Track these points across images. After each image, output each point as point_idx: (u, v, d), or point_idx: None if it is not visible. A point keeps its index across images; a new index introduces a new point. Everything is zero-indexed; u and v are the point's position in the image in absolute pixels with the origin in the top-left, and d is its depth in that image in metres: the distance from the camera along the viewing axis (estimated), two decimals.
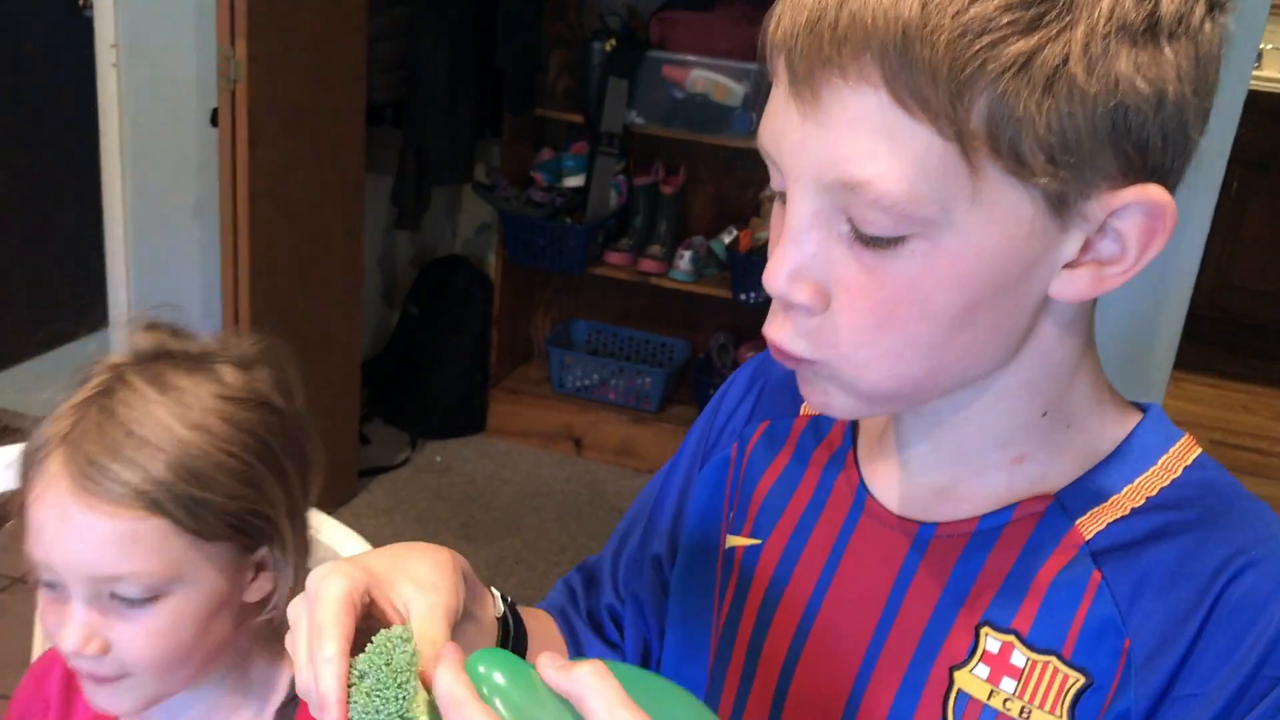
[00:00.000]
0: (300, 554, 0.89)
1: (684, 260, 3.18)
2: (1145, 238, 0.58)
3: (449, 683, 0.52)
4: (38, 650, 1.12)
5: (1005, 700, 0.64)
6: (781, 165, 0.60)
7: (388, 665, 0.53)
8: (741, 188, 3.29)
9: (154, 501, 0.79)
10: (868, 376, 0.60)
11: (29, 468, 0.83)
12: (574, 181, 3.25)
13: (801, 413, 0.80)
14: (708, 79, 3.00)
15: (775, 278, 0.60)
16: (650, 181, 3.24)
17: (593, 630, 0.90)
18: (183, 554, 0.81)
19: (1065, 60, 0.53)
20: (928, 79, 0.53)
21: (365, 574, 0.59)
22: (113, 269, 3.00)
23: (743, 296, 3.06)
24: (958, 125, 0.54)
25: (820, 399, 0.64)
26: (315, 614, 0.56)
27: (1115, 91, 0.53)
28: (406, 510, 3.07)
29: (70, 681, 0.94)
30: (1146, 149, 0.56)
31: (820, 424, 0.78)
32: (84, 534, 0.79)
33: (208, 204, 2.80)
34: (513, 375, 3.54)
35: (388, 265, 3.62)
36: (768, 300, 0.64)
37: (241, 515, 0.83)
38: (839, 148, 0.56)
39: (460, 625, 0.62)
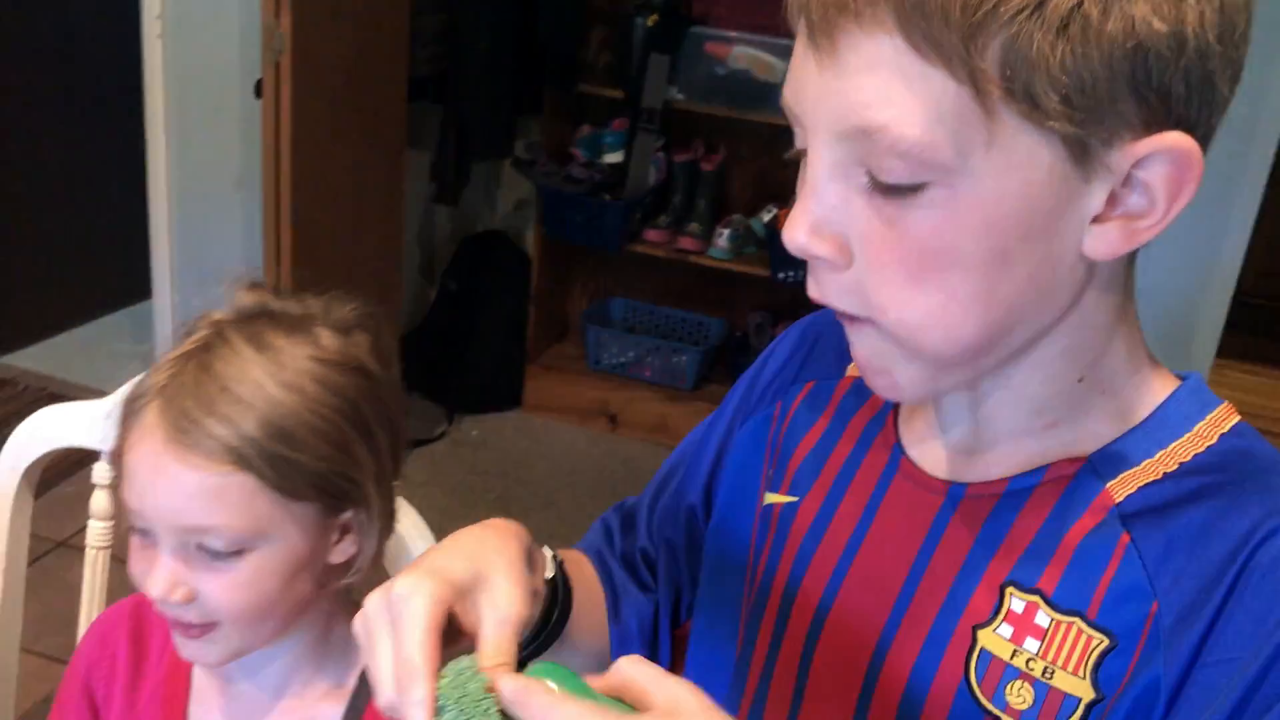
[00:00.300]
0: (385, 520, 0.90)
1: (722, 238, 3.17)
2: (1173, 188, 0.57)
3: (512, 684, 0.55)
4: (85, 610, 1.15)
5: (1028, 660, 0.64)
6: (802, 119, 0.60)
7: (464, 696, 0.56)
8: (782, 165, 3.27)
9: (243, 458, 0.80)
10: (924, 339, 0.60)
11: (128, 417, 0.84)
12: (613, 158, 3.24)
13: (846, 374, 0.80)
14: (750, 55, 2.99)
15: (795, 232, 0.60)
16: (690, 158, 3.23)
17: (628, 571, 0.92)
18: (268, 511, 0.82)
19: (1080, 1, 0.52)
20: (941, 22, 0.53)
21: (449, 590, 0.60)
22: (156, 240, 3.03)
23: (781, 275, 3.04)
24: (972, 68, 0.54)
25: (885, 380, 0.64)
26: (403, 642, 0.58)
27: (1132, 33, 0.53)
28: (443, 483, 3.09)
29: (139, 638, 0.96)
30: (1169, 97, 0.55)
31: (864, 386, 0.79)
32: (174, 485, 0.81)
33: (250, 175, 2.82)
34: (549, 352, 3.55)
35: (426, 240, 3.63)
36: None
37: (328, 477, 0.84)
38: (855, 94, 0.56)
39: None
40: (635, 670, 0.55)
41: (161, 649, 0.95)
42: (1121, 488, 0.65)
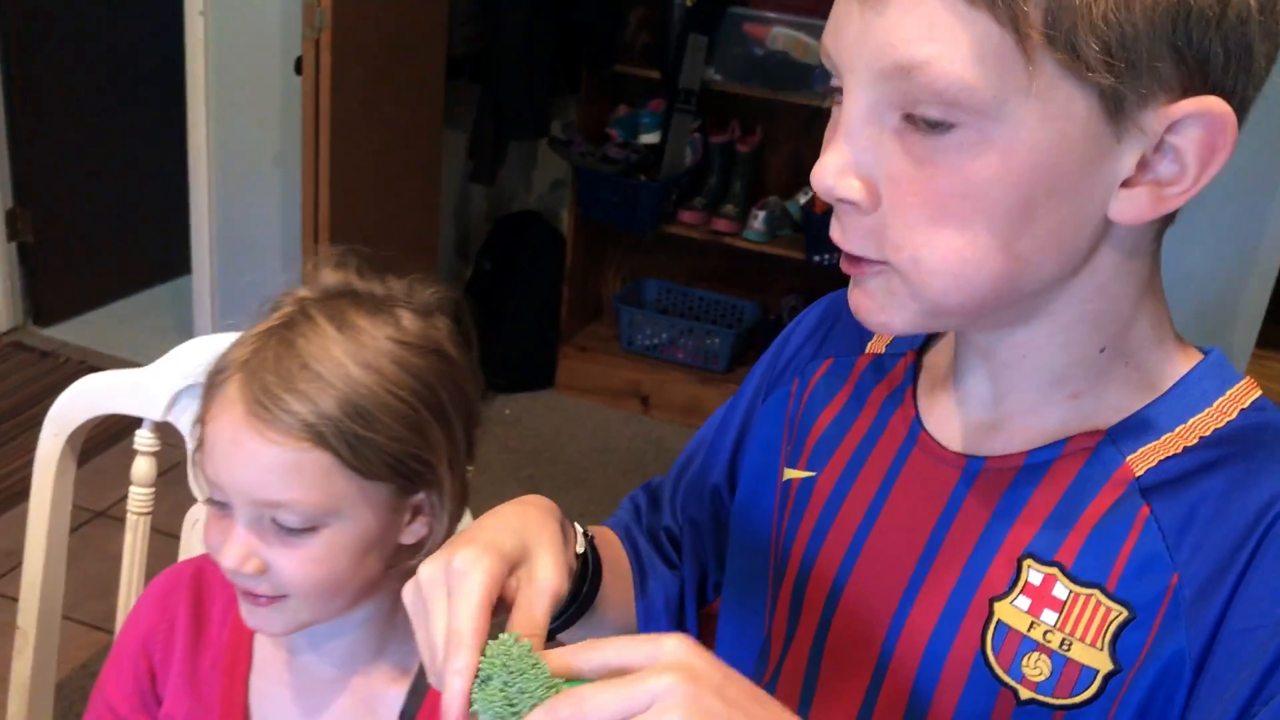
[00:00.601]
0: (458, 504, 0.90)
1: (758, 220, 3.16)
2: (1205, 154, 0.57)
3: (563, 652, 0.56)
4: (125, 576, 1.17)
5: (1045, 632, 0.65)
6: (839, 61, 0.60)
7: (510, 664, 0.57)
8: (819, 147, 3.24)
9: (319, 435, 0.81)
10: (934, 283, 0.60)
11: (210, 389, 0.85)
12: (649, 138, 3.24)
13: (866, 351, 0.81)
14: (788, 36, 2.97)
15: (824, 173, 0.61)
16: (726, 140, 3.22)
17: (654, 548, 0.93)
18: (343, 489, 0.83)
19: None
20: None
21: (501, 564, 0.62)
22: (196, 216, 3.06)
23: (816, 258, 3.03)
24: (1015, 13, 0.54)
25: (880, 317, 0.64)
26: (456, 614, 0.59)
27: None
28: (476, 461, 3.11)
29: (200, 604, 0.97)
30: (1208, 61, 0.55)
31: (883, 362, 0.79)
32: (251, 459, 0.82)
33: (290, 152, 2.85)
34: (583, 332, 3.56)
35: (462, 219, 3.65)
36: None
37: (402, 458, 0.84)
38: (896, 31, 0.56)
39: None
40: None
41: (223, 617, 0.96)
42: (1142, 461, 0.65)
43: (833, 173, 0.60)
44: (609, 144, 3.24)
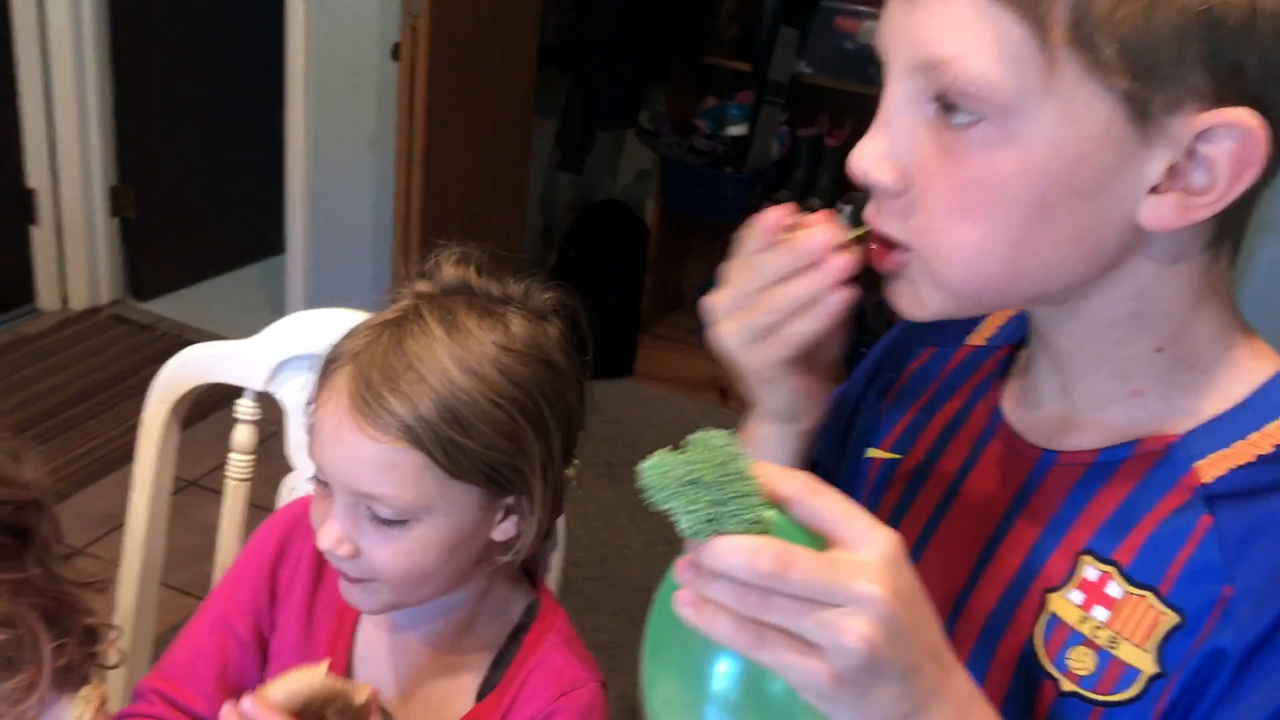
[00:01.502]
0: (547, 510, 0.91)
1: (844, 215, 3.14)
2: (1236, 167, 0.57)
3: (779, 470, 0.55)
4: (223, 539, 1.21)
5: (1095, 628, 0.65)
6: (884, 53, 0.62)
7: (725, 475, 0.53)
8: None
9: (416, 437, 0.83)
10: (949, 271, 0.62)
11: (324, 376, 0.88)
12: (736, 130, 3.24)
13: (967, 342, 0.81)
14: None
15: (860, 158, 0.63)
16: (814, 133, 3.21)
17: None
18: (435, 488, 0.85)
19: None
20: None
21: None
22: (291, 197, 3.13)
23: None
24: (1040, 13, 0.55)
25: (912, 305, 0.66)
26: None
27: None
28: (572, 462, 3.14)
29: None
30: (1241, 72, 0.55)
31: (981, 354, 0.80)
32: (351, 450, 0.84)
33: (384, 136, 2.90)
34: (663, 322, 3.57)
35: (548, 207, 3.68)
36: None
37: (496, 465, 0.86)
38: (927, 26, 0.58)
39: None
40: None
41: None
42: (1210, 469, 0.64)
43: (870, 159, 0.63)
44: (696, 135, 3.25)
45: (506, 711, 0.94)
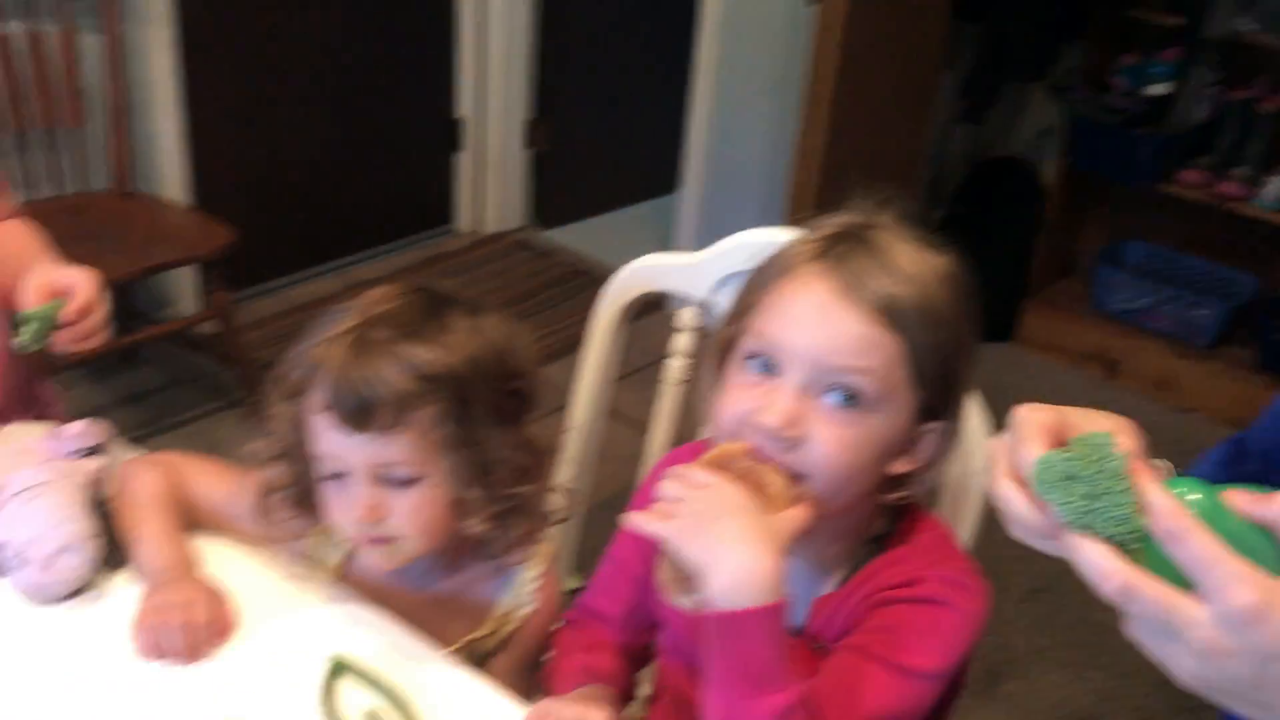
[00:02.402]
0: (943, 450, 0.95)
1: (1272, 186, 2.88)
2: None
3: (1163, 497, 0.57)
4: (657, 440, 1.28)
5: None
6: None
7: (1100, 471, 0.58)
8: None
9: (900, 324, 0.86)
10: None
11: (778, 273, 0.91)
12: (1157, 89, 3.02)
13: None
14: None
15: None
16: (1248, 97, 2.95)
17: None
18: (899, 381, 0.87)
19: None
20: None
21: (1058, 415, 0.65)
22: (693, 137, 3.24)
23: None
24: None
25: None
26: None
27: None
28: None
29: None
30: None
31: None
32: (836, 326, 0.87)
33: (788, 82, 2.94)
34: (1051, 287, 3.42)
35: (940, 159, 3.61)
36: None
37: (945, 378, 0.89)
38: None
39: None
40: None
41: None
42: None
43: None
44: (1110, 93, 3.07)
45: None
